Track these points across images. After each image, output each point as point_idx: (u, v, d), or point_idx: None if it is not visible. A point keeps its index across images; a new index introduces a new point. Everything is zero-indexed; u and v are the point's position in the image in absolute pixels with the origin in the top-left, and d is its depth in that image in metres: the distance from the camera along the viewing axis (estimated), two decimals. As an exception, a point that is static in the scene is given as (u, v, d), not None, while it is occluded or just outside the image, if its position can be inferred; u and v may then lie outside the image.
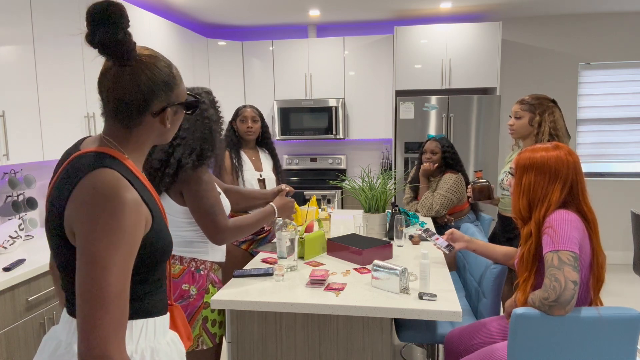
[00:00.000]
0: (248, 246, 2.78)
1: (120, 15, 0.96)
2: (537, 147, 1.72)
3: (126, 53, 0.98)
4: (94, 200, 0.92)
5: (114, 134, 1.05)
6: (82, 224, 0.92)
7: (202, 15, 4.62)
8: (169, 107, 1.06)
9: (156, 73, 1.03)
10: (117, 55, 0.98)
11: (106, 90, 1.01)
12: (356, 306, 1.69)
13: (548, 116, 2.41)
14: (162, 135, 1.11)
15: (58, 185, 1.01)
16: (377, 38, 4.89)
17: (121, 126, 1.04)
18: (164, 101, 1.05)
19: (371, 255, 2.19)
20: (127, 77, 1.00)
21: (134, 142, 1.06)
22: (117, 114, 1.02)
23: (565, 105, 5.02)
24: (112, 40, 0.96)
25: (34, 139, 2.56)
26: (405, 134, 4.59)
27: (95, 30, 0.95)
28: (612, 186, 5.03)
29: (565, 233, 1.56)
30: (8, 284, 1.99)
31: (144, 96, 1.02)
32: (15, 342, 2.05)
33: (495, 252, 2.05)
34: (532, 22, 4.99)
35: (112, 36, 0.96)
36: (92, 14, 0.95)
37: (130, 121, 1.03)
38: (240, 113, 2.84)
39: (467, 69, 4.58)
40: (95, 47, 0.97)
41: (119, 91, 1.00)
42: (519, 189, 1.73)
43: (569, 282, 1.49)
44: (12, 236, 2.40)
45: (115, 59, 0.99)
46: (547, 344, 1.55)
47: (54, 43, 2.70)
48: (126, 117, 1.03)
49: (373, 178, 2.85)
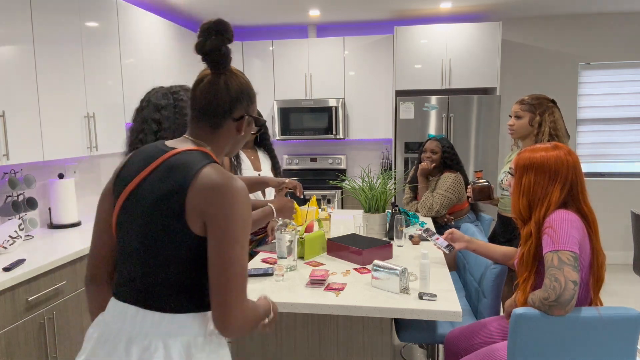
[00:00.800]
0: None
1: (226, 30, 1.13)
2: (537, 147, 1.72)
3: (225, 63, 1.16)
4: (223, 190, 1.06)
5: (200, 136, 1.19)
6: (219, 211, 1.05)
7: (202, 15, 4.62)
8: (246, 115, 1.21)
9: (244, 84, 1.20)
10: (219, 64, 1.15)
11: (200, 93, 1.16)
12: (356, 306, 1.69)
13: (548, 116, 2.41)
14: (235, 144, 1.25)
15: (160, 177, 1.11)
16: (377, 38, 4.89)
17: (207, 126, 1.18)
18: (244, 110, 1.20)
19: (371, 255, 2.19)
20: (221, 83, 1.16)
21: (215, 144, 1.20)
22: (205, 113, 1.17)
23: (565, 105, 5.01)
24: (217, 49, 1.13)
25: (34, 139, 2.56)
26: (405, 134, 4.59)
27: (207, 39, 1.12)
28: (612, 186, 5.03)
29: (565, 233, 1.56)
30: (8, 284, 1.99)
31: (231, 101, 1.17)
32: (15, 342, 2.05)
33: (495, 252, 2.05)
34: (532, 22, 4.99)
35: (218, 46, 1.13)
36: (207, 27, 1.13)
37: (216, 121, 1.17)
38: None
39: (467, 69, 4.58)
40: (202, 54, 1.14)
41: (212, 93, 1.15)
42: (518, 189, 1.73)
43: (569, 282, 1.49)
44: (12, 236, 2.40)
45: (215, 67, 1.16)
46: (547, 344, 1.55)
47: (54, 43, 2.70)
48: (212, 117, 1.17)
49: (373, 178, 2.85)
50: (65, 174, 3.23)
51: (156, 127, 1.76)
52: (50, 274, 2.25)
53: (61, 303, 2.33)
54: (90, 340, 1.13)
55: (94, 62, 3.05)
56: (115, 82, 3.29)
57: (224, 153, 1.24)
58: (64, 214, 2.95)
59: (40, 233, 2.84)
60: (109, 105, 3.21)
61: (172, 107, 1.79)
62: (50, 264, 2.23)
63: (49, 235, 2.77)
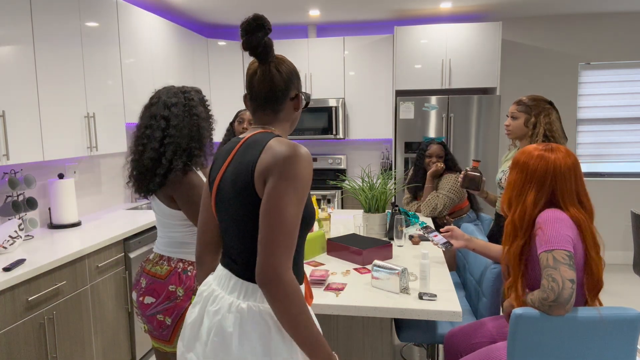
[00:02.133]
0: None
1: (265, 23, 1.23)
2: (532, 147, 1.72)
3: (271, 53, 1.26)
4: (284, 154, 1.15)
5: (266, 122, 1.31)
6: (275, 172, 1.14)
7: (202, 15, 4.62)
8: (299, 93, 1.34)
9: (291, 66, 1.31)
10: (265, 55, 1.25)
11: (258, 84, 1.27)
12: (356, 306, 1.69)
13: (543, 118, 2.41)
14: (294, 120, 1.37)
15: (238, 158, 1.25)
16: (377, 38, 4.89)
17: (271, 112, 1.30)
18: (296, 89, 1.33)
19: (371, 255, 2.19)
20: (273, 70, 1.27)
21: (280, 126, 1.33)
22: (268, 101, 1.28)
23: (565, 105, 5.02)
24: (262, 43, 1.23)
25: (34, 139, 2.56)
26: (405, 134, 4.59)
27: (251, 36, 1.23)
28: (612, 186, 5.03)
29: (556, 232, 1.55)
30: (8, 284, 1.99)
31: (286, 83, 1.28)
32: (15, 342, 2.05)
33: (494, 252, 2.05)
34: (532, 22, 4.99)
35: (262, 40, 1.23)
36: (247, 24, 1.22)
37: (277, 105, 1.29)
38: (239, 115, 2.97)
39: (467, 69, 4.58)
40: (250, 50, 1.24)
41: (269, 82, 1.27)
42: (507, 185, 1.75)
43: (567, 281, 1.49)
44: (12, 236, 2.40)
45: (262, 58, 1.26)
46: (547, 344, 1.55)
47: (54, 43, 2.70)
48: (275, 102, 1.29)
49: (373, 178, 2.85)
50: (65, 174, 3.23)
51: (164, 124, 1.77)
52: (50, 274, 2.25)
53: (61, 303, 2.33)
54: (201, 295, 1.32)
55: (94, 62, 3.05)
56: (115, 82, 3.29)
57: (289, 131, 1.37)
58: (64, 214, 2.95)
59: (40, 233, 2.84)
60: (109, 105, 3.21)
61: (182, 105, 1.81)
62: (50, 264, 2.23)
63: (49, 235, 2.77)
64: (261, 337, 1.18)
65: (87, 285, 2.53)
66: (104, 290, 2.67)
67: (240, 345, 1.18)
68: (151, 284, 1.81)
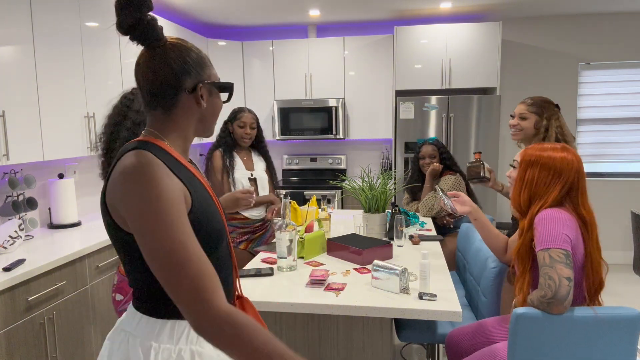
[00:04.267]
0: (246, 245, 2.78)
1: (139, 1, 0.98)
2: (546, 146, 1.74)
3: (155, 33, 1.02)
4: (124, 179, 0.95)
5: (155, 124, 1.08)
6: (125, 204, 0.94)
7: (202, 15, 4.62)
8: (201, 83, 1.07)
9: (184, 52, 1.05)
10: (148, 37, 1.02)
11: (142, 76, 1.04)
12: (356, 306, 1.69)
13: (555, 121, 2.40)
14: (202, 120, 1.11)
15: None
16: (377, 38, 4.89)
17: (161, 111, 1.06)
18: (196, 79, 1.06)
19: (371, 255, 2.19)
20: (158, 58, 1.03)
21: (174, 127, 1.08)
22: (153, 95, 1.04)
23: (565, 105, 5.02)
24: (139, 21, 0.99)
25: (34, 139, 2.56)
26: (405, 134, 4.59)
27: (124, 15, 0.98)
28: (612, 186, 5.03)
29: (552, 231, 1.57)
30: (8, 284, 1.99)
31: (175, 73, 1.03)
32: (15, 342, 2.05)
33: (494, 234, 2.03)
34: (532, 22, 4.99)
35: (139, 18, 0.99)
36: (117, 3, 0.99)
37: (167, 101, 1.05)
38: (239, 117, 2.76)
39: (467, 69, 4.58)
40: (126, 33, 1.01)
41: (152, 72, 1.03)
42: (521, 182, 1.75)
43: (563, 279, 1.50)
44: (12, 236, 2.40)
45: (146, 41, 1.03)
46: (548, 344, 1.55)
47: (54, 43, 2.70)
48: (162, 98, 1.04)
49: (373, 178, 2.85)
50: (65, 174, 3.23)
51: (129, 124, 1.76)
52: (50, 274, 2.25)
53: (61, 303, 2.33)
54: None
55: (94, 62, 3.05)
56: (115, 82, 3.28)
57: (194, 135, 1.12)
58: (64, 214, 2.95)
59: (40, 233, 2.84)
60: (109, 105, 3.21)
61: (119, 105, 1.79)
62: (50, 264, 2.23)
63: (49, 235, 2.77)
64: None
65: (87, 285, 2.53)
66: (104, 290, 2.67)
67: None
68: (120, 281, 1.83)
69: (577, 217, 1.65)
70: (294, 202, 2.98)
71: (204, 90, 1.08)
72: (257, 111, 5.10)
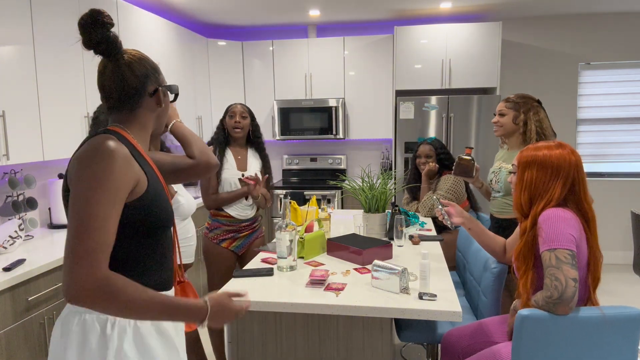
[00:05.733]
0: (229, 244, 2.74)
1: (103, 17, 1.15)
2: (540, 145, 1.74)
3: (118, 49, 1.20)
4: (85, 154, 1.08)
5: (120, 120, 1.24)
6: (74, 175, 1.07)
7: (202, 15, 4.62)
8: (160, 87, 1.27)
9: (144, 61, 1.24)
10: (112, 52, 1.19)
11: (109, 83, 1.20)
12: (356, 306, 1.69)
13: (533, 115, 2.43)
14: (159, 117, 1.31)
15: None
16: (377, 38, 4.89)
17: (127, 111, 1.23)
18: (155, 83, 1.26)
19: (371, 255, 2.19)
20: (123, 67, 1.20)
21: (138, 123, 1.25)
22: (121, 99, 1.21)
23: (565, 105, 5.02)
24: (105, 39, 1.17)
25: (34, 139, 2.56)
26: (405, 134, 4.59)
27: (90, 33, 1.15)
28: (612, 186, 5.03)
29: (558, 231, 1.57)
30: (8, 284, 1.99)
31: (140, 80, 1.22)
32: (15, 342, 2.05)
33: (490, 239, 2.03)
34: (532, 22, 4.99)
35: (105, 36, 1.16)
36: (84, 22, 1.15)
37: (134, 103, 1.22)
38: (230, 109, 2.76)
39: (467, 69, 4.58)
40: (92, 48, 1.18)
41: (120, 80, 1.20)
42: (520, 184, 1.75)
43: (569, 280, 1.50)
44: (12, 236, 2.40)
45: (110, 55, 1.20)
46: (551, 344, 1.55)
47: (54, 43, 2.70)
48: (129, 101, 1.22)
49: (373, 178, 2.85)
50: (65, 174, 3.23)
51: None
52: (50, 274, 2.25)
53: (61, 303, 2.33)
54: None
55: (94, 62, 3.04)
56: (115, 82, 3.28)
57: (151, 129, 1.29)
58: (64, 214, 2.95)
59: (40, 233, 2.84)
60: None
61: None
62: (50, 264, 2.22)
63: (49, 235, 2.77)
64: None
65: (87, 285, 2.52)
66: (104, 290, 2.67)
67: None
68: None
69: (580, 215, 1.65)
70: (294, 202, 2.97)
71: (162, 92, 1.28)
72: (257, 111, 5.10)
